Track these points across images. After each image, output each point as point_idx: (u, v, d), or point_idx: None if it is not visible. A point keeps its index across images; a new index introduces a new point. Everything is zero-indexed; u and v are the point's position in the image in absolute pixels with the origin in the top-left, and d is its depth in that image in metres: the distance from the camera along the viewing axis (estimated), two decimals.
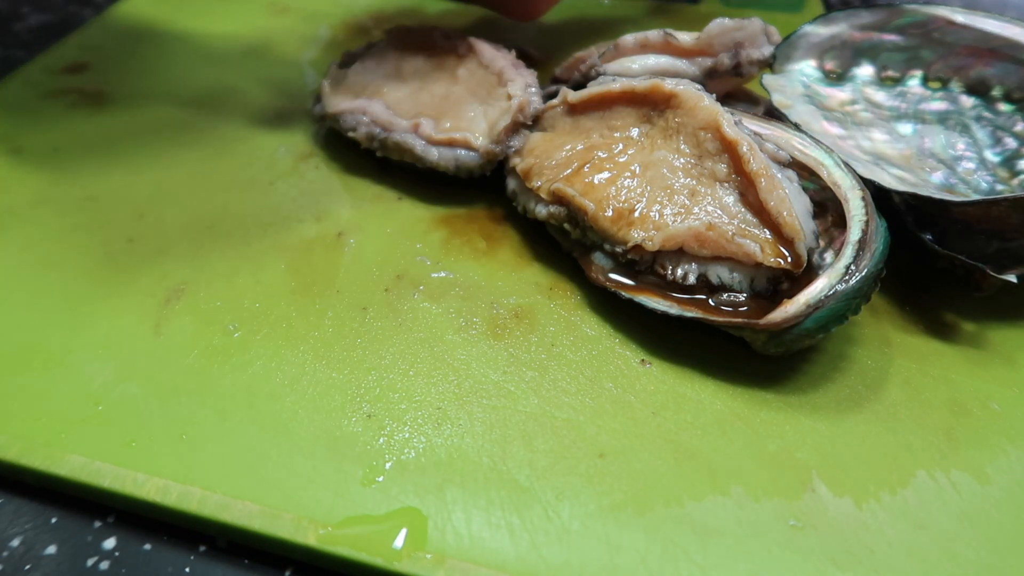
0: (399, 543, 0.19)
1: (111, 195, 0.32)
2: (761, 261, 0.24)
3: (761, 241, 0.24)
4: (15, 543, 0.21)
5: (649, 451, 0.22)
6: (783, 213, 0.23)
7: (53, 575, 0.20)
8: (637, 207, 0.25)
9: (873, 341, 0.25)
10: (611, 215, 0.26)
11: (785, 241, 0.24)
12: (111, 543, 0.21)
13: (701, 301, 0.25)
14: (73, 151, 0.35)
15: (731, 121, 0.25)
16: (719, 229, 0.24)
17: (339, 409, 0.23)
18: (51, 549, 0.21)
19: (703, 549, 0.19)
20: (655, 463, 0.21)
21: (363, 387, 0.24)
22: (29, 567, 0.21)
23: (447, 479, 0.21)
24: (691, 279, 0.25)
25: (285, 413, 0.23)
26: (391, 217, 0.31)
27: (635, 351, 0.25)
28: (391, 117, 0.32)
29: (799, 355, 0.25)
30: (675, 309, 0.24)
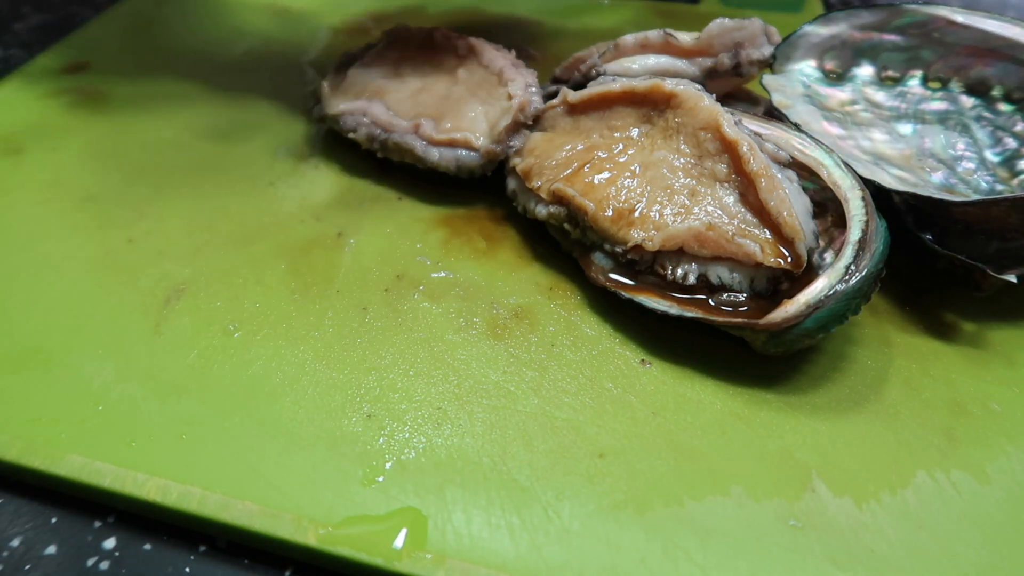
0: (399, 543, 0.19)
1: (111, 195, 0.32)
2: (761, 261, 0.24)
3: (761, 241, 0.24)
4: (15, 543, 0.21)
5: (649, 451, 0.22)
6: (783, 213, 0.23)
7: (53, 575, 0.20)
8: (637, 207, 0.25)
9: (873, 341, 0.25)
10: (611, 215, 0.26)
11: (785, 241, 0.24)
12: (111, 543, 0.21)
13: (701, 301, 0.25)
14: (73, 151, 0.35)
15: (731, 121, 0.25)
16: (719, 229, 0.24)
17: (339, 409, 0.23)
18: (51, 549, 0.21)
19: (703, 549, 0.19)
20: (655, 463, 0.21)
21: (363, 387, 0.24)
22: (29, 567, 0.21)
23: (447, 479, 0.21)
24: (691, 279, 0.25)
25: (285, 413, 0.23)
26: (391, 217, 0.31)
27: (635, 351, 0.25)
28: (391, 118, 0.32)
29: (799, 355, 0.25)
30: (675, 309, 0.24)
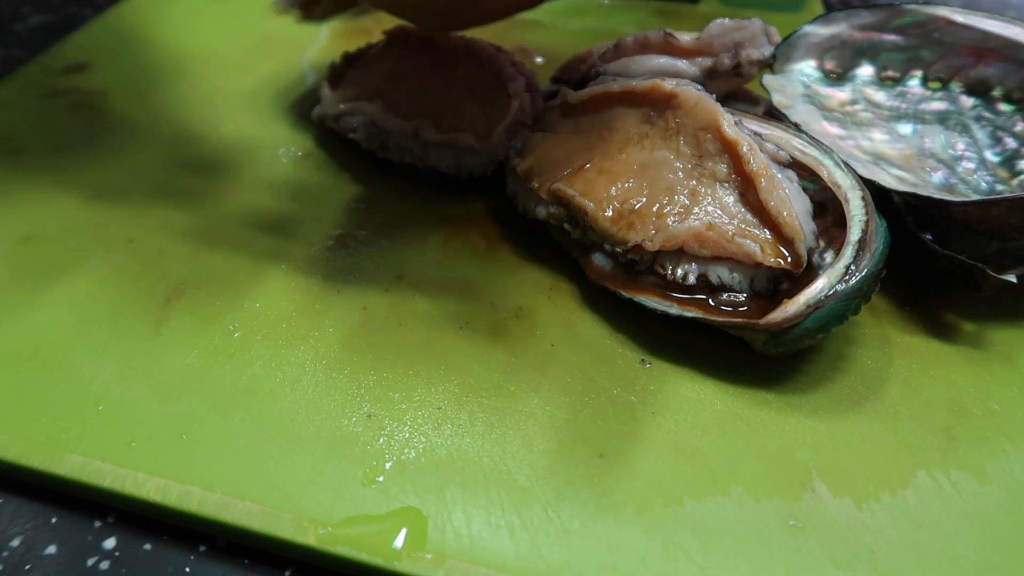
0: (399, 543, 0.19)
1: (111, 195, 0.32)
2: (761, 261, 0.24)
3: (761, 241, 0.24)
4: (15, 543, 0.21)
5: (649, 451, 0.22)
6: (783, 213, 0.23)
7: (53, 575, 0.20)
8: (637, 207, 0.25)
9: (873, 341, 0.25)
10: (611, 215, 0.26)
11: (785, 241, 0.24)
12: (111, 543, 0.21)
13: (701, 301, 0.25)
14: (73, 151, 0.35)
15: (731, 121, 0.25)
16: (719, 229, 0.24)
17: (339, 409, 0.23)
18: (51, 549, 0.21)
19: (703, 549, 0.19)
20: (655, 463, 0.21)
21: (363, 387, 0.24)
22: (29, 567, 0.21)
23: (447, 479, 0.21)
24: (691, 279, 0.25)
25: (285, 413, 0.23)
26: (391, 217, 0.31)
27: (635, 351, 0.25)
28: (391, 118, 0.32)
29: (799, 355, 0.25)
30: (675, 309, 0.24)
